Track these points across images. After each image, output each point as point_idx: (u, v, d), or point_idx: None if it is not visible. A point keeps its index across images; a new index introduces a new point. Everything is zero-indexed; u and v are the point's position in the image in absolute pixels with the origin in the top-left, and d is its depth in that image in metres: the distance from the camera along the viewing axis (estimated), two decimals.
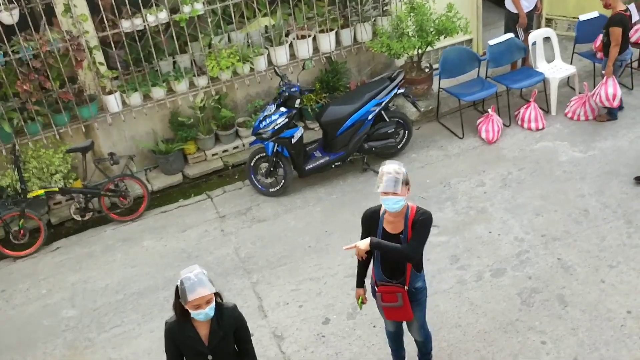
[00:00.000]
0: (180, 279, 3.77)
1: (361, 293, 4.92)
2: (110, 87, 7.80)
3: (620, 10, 7.66)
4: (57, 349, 6.08)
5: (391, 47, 8.15)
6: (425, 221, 4.43)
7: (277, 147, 7.54)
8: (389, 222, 4.46)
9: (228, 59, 7.95)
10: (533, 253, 6.38)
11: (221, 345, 3.98)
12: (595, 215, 6.74)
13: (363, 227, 4.62)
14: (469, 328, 5.67)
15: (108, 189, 7.60)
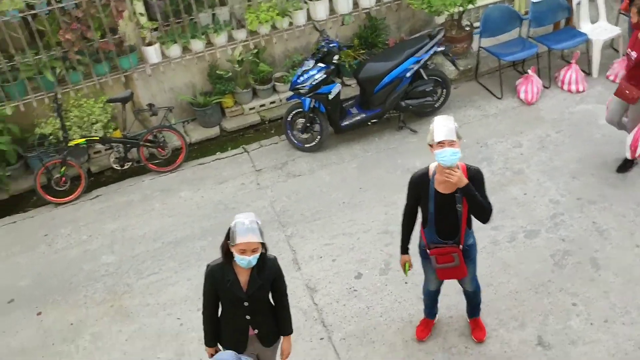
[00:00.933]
0: (235, 221, 3.86)
1: (407, 259, 4.95)
2: (150, 39, 7.86)
3: None
4: (97, 292, 6.29)
5: (432, 4, 8.04)
6: (481, 176, 4.43)
7: (314, 102, 7.55)
8: (440, 182, 4.42)
9: (267, 12, 7.93)
10: (568, 216, 6.36)
11: (258, 293, 4.09)
12: (633, 181, 6.67)
13: (411, 192, 4.63)
14: (501, 287, 5.71)
15: (147, 139, 7.73)
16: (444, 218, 4.56)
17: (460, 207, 4.49)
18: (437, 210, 4.53)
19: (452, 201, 4.43)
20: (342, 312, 5.70)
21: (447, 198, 4.47)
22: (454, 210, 4.51)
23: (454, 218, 4.54)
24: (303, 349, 5.43)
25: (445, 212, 4.53)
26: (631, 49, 6.26)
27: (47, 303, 6.27)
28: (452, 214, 4.53)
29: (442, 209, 4.51)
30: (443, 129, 4.23)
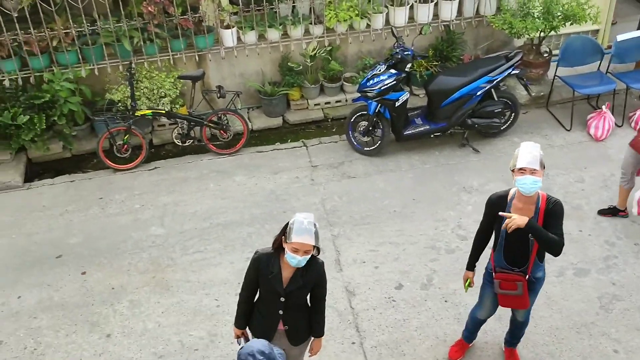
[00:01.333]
0: (294, 218, 3.88)
1: (470, 276, 4.91)
2: (229, 22, 7.96)
3: None
4: (142, 262, 6.42)
5: (513, 26, 7.92)
6: (561, 210, 4.36)
7: (379, 107, 7.53)
8: (517, 209, 4.37)
9: (347, 11, 7.94)
10: (622, 260, 6.19)
11: (296, 292, 4.11)
12: None
13: (487, 212, 4.58)
14: (542, 321, 5.60)
15: (211, 120, 7.83)
16: (515, 245, 4.50)
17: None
18: (509, 236, 4.46)
19: (526, 230, 4.38)
20: (378, 320, 5.67)
21: None
22: (526, 239, 4.45)
23: (525, 247, 4.48)
24: (333, 350, 5.42)
25: (517, 239, 4.46)
26: None
27: (92, 264, 6.43)
28: (524, 242, 4.47)
29: (514, 236, 4.43)
30: (527, 155, 4.17)
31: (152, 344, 5.56)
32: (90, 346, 5.58)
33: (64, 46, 7.53)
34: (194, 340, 5.58)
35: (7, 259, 6.56)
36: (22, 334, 5.73)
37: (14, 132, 7.49)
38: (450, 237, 6.54)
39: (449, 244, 6.45)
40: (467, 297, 5.79)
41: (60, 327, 5.77)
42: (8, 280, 6.30)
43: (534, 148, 4.22)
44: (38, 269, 6.41)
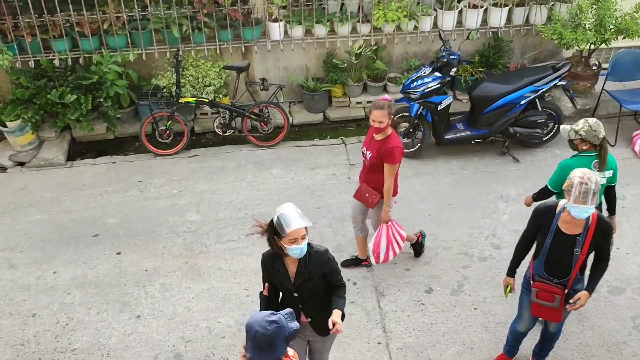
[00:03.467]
0: (277, 214, 3.90)
1: (511, 282, 4.88)
2: (277, 15, 8.00)
3: None
4: (176, 246, 6.50)
5: (563, 36, 7.81)
6: (611, 232, 4.41)
7: (422, 109, 7.50)
8: (565, 222, 4.37)
9: (395, 12, 7.92)
10: None
11: (306, 285, 4.14)
12: None
13: (533, 221, 4.58)
14: (572, 337, 5.52)
15: (253, 112, 7.89)
16: (558, 257, 4.48)
17: (579, 251, 4.40)
18: (553, 247, 4.45)
19: (572, 243, 4.33)
20: (405, 323, 5.66)
21: (567, 238, 4.38)
22: (570, 253, 4.42)
23: (569, 260, 4.45)
24: (359, 349, 5.43)
25: (561, 251, 4.45)
26: (367, 148, 5.64)
27: (128, 245, 6.54)
28: (567, 255, 4.44)
29: (558, 248, 4.43)
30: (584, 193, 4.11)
31: (181, 328, 5.63)
32: (120, 325, 5.68)
33: (114, 29, 7.67)
34: (221, 327, 5.64)
35: (45, 234, 6.70)
36: (56, 308, 5.86)
37: (61, 111, 7.66)
38: (484, 245, 6.49)
39: (482, 252, 6.40)
40: (497, 305, 5.76)
41: (92, 305, 5.89)
42: (45, 255, 6.44)
43: (593, 181, 4.13)
44: (74, 246, 6.54)
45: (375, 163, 5.56)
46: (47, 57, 7.71)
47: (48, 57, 7.72)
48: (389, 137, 5.49)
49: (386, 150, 5.44)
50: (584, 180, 4.12)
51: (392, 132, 5.51)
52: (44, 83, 7.66)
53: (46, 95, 7.55)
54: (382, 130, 5.45)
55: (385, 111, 5.35)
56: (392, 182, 5.62)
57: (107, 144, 8.20)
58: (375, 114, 5.36)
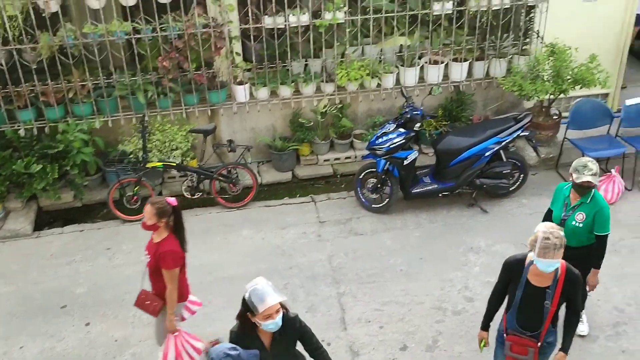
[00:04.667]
0: (248, 291, 3.86)
1: (485, 336, 4.89)
2: (242, 78, 8.11)
3: None
4: (146, 314, 6.36)
5: (523, 88, 8.01)
6: (580, 283, 4.47)
7: (388, 165, 7.58)
8: (535, 275, 4.40)
9: (358, 70, 8.07)
10: (632, 327, 6.09)
11: (283, 353, 4.11)
12: None
13: (503, 274, 4.61)
14: None
15: (221, 173, 7.90)
16: (529, 309, 4.49)
17: (549, 304, 4.41)
18: (524, 300, 4.47)
19: (542, 296, 4.36)
20: None
21: (537, 291, 4.40)
22: (541, 305, 4.44)
23: (540, 313, 4.46)
24: None
25: (532, 304, 4.46)
26: (147, 251, 5.31)
27: (97, 314, 6.41)
28: (538, 308, 4.45)
29: (529, 301, 4.45)
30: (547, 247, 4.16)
31: None
32: None
33: (79, 98, 7.71)
34: None
35: (12, 307, 6.56)
36: None
37: (27, 181, 7.59)
38: (457, 298, 6.48)
39: (455, 306, 6.39)
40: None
41: None
42: (12, 329, 6.29)
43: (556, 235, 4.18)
44: (42, 318, 6.40)
45: (154, 267, 5.19)
46: (12, 128, 7.69)
47: (13, 127, 7.69)
48: (165, 240, 5.13)
49: (160, 254, 5.09)
50: (547, 234, 4.17)
51: (169, 234, 5.15)
52: (9, 154, 7.62)
53: (12, 166, 7.50)
54: (156, 231, 5.16)
55: (154, 209, 5.00)
56: (175, 287, 5.19)
57: (75, 211, 8.11)
58: (145, 209, 5.08)
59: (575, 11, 8.56)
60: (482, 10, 8.22)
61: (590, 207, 5.23)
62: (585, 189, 5.18)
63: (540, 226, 4.28)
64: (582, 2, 8.55)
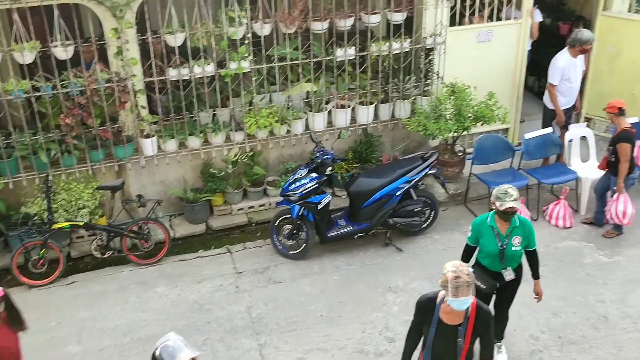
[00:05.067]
0: (158, 349, 3.75)
1: None
2: (149, 131, 7.97)
3: (627, 127, 7.59)
4: None
5: (427, 128, 8.25)
6: (491, 320, 4.54)
7: (303, 210, 7.58)
8: (446, 313, 4.44)
9: (267, 118, 8.09)
10: (547, 354, 6.25)
11: None
12: (615, 324, 6.61)
13: (416, 313, 4.63)
14: None
15: (131, 230, 7.68)
16: (443, 347, 4.52)
17: (461, 341, 4.46)
18: (437, 338, 4.51)
19: (454, 333, 4.40)
20: None
21: (450, 329, 4.45)
22: (454, 343, 4.48)
23: (453, 350, 4.50)
24: None
25: (445, 342, 4.50)
26: None
27: None
28: (451, 346, 4.49)
29: (442, 339, 4.49)
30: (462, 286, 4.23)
31: None
32: None
33: None
34: None
35: None
36: None
37: None
38: (378, 339, 6.48)
39: (377, 347, 6.38)
40: None
41: None
42: None
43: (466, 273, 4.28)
44: None
45: None
46: None
47: None
48: None
49: None
50: (457, 273, 4.25)
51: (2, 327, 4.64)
52: None
53: None
54: None
55: None
56: None
57: None
58: None
59: (472, 51, 8.95)
60: (383, 55, 8.46)
61: (522, 229, 5.56)
62: (510, 214, 5.44)
63: (448, 266, 4.35)
64: (477, 43, 8.94)
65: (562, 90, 8.73)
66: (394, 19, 8.33)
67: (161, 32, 7.62)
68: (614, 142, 7.64)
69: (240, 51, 7.83)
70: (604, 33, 9.36)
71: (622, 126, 7.58)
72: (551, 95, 8.78)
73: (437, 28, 8.50)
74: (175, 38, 7.62)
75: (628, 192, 7.74)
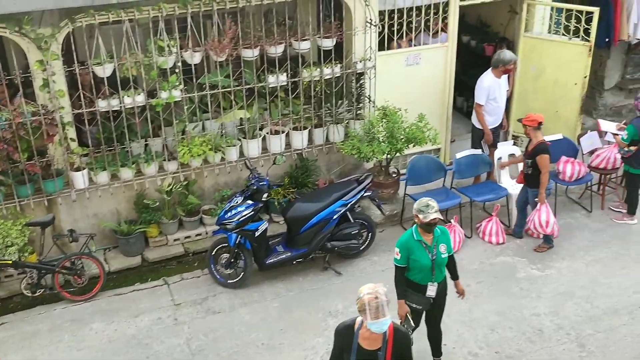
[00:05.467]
0: None
1: None
2: (79, 164, 7.79)
3: (542, 140, 7.88)
4: None
5: (361, 150, 8.34)
6: (409, 342, 4.56)
7: (240, 238, 7.53)
8: (365, 338, 4.44)
9: (200, 146, 8.03)
10: None
11: None
12: (550, 336, 6.79)
13: (335, 341, 4.61)
14: None
15: (64, 266, 7.46)
16: None
17: None
18: None
19: (375, 358, 4.40)
20: None
21: (369, 354, 4.45)
22: None
23: None
24: None
25: None
26: None
27: None
28: None
29: None
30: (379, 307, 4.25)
31: None
32: None
33: None
34: None
35: None
36: None
37: None
38: None
39: None
40: None
41: None
42: None
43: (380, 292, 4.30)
44: None
45: None
46: None
47: None
48: None
49: None
50: (374, 294, 4.29)
51: None
52: None
53: None
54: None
55: None
56: None
57: None
58: None
59: (401, 75, 9.13)
60: (315, 80, 8.54)
61: (443, 236, 5.82)
62: (433, 225, 5.66)
63: (364, 289, 4.38)
64: (406, 67, 9.13)
65: (488, 109, 9.00)
66: (324, 44, 8.42)
67: (89, 63, 7.49)
68: (532, 155, 7.90)
69: (171, 80, 7.77)
70: (527, 53, 9.72)
71: (539, 139, 7.86)
72: (478, 115, 9.03)
73: (366, 53, 8.64)
74: (103, 69, 7.50)
75: None
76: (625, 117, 11.26)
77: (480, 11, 10.85)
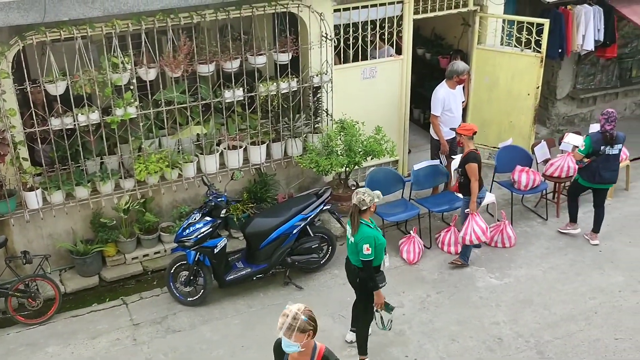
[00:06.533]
0: None
1: None
2: (32, 183, 7.63)
3: (473, 149, 7.99)
4: None
5: (319, 164, 8.36)
6: None
7: (199, 255, 7.45)
8: (294, 358, 4.38)
9: (157, 163, 7.94)
10: None
11: None
12: (509, 344, 6.86)
13: (275, 357, 4.58)
14: None
15: (17, 289, 7.27)
16: None
17: None
18: None
19: None
20: None
21: None
22: None
23: None
24: None
25: None
26: None
27: None
28: None
29: None
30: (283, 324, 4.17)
31: None
32: None
33: None
34: None
35: None
36: None
37: None
38: None
39: None
40: None
41: None
42: None
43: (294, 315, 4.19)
44: None
45: None
46: None
47: None
48: None
49: None
50: (286, 312, 4.19)
51: None
52: None
53: None
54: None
55: None
56: None
57: None
58: None
59: (358, 88, 9.19)
60: (272, 95, 8.54)
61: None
62: None
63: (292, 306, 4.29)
64: (362, 80, 9.20)
65: (444, 120, 9.10)
66: (280, 59, 8.44)
67: (41, 81, 7.36)
68: (462, 163, 8.01)
69: (126, 97, 7.68)
70: (480, 65, 9.87)
71: (470, 148, 7.97)
72: (434, 126, 9.14)
73: (322, 67, 8.67)
74: (56, 86, 7.36)
75: None
76: (578, 126, 11.53)
77: (435, 24, 10.99)
